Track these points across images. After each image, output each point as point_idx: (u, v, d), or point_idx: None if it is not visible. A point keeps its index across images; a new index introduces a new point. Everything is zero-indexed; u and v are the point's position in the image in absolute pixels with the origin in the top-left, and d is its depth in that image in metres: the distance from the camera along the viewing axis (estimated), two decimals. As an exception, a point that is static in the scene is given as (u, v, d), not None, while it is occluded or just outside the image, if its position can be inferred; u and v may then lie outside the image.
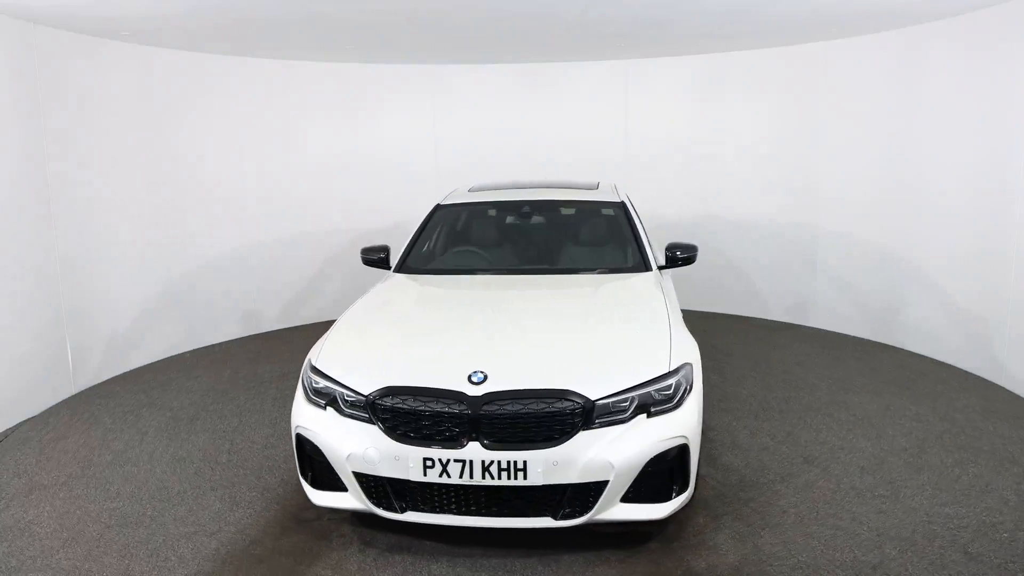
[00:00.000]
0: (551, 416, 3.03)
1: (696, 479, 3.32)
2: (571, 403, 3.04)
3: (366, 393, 3.18)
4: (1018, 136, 5.11)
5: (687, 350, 3.41)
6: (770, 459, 4.20)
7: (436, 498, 3.14)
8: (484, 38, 6.26)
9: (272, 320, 7.43)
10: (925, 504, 3.66)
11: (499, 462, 3.00)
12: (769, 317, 7.51)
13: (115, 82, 5.96)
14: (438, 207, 5.21)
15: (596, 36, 6.27)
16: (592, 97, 7.82)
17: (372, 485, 3.16)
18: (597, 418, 3.06)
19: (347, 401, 3.23)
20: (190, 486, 4.04)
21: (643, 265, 4.49)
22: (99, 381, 5.89)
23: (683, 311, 4.13)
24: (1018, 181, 5.13)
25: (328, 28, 5.67)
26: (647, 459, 3.04)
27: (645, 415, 3.10)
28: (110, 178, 5.94)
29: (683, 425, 3.13)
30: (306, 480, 3.39)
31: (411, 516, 3.16)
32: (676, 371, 3.24)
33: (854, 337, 6.76)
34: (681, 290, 4.99)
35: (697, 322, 7.19)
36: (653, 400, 3.14)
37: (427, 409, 3.08)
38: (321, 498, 3.33)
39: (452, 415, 3.06)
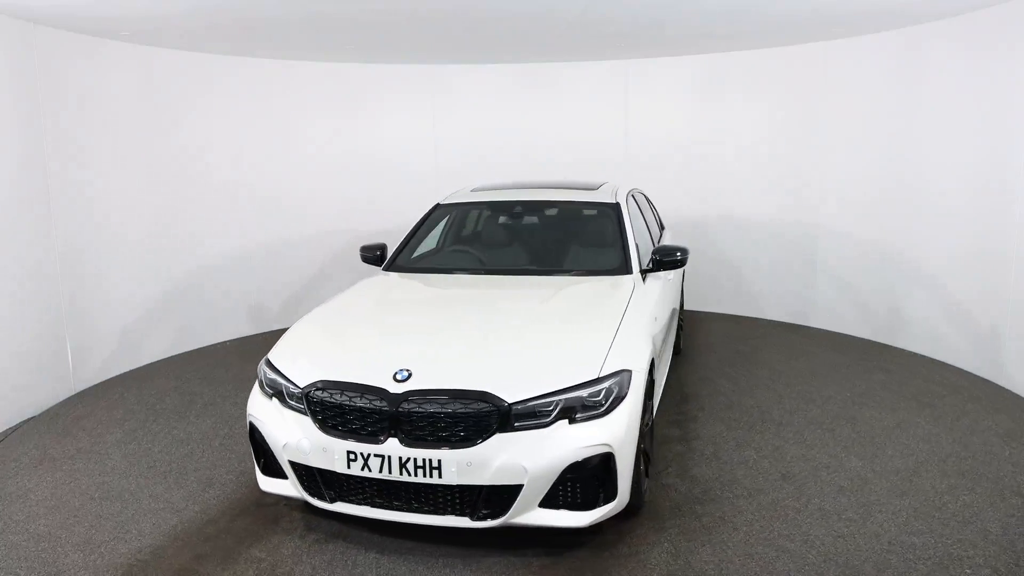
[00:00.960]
0: (467, 417, 3.04)
1: (647, 489, 3.52)
2: (487, 405, 3.04)
3: (302, 386, 3.29)
4: (1018, 136, 5.11)
5: (629, 357, 3.33)
6: (745, 474, 4.02)
7: (362, 491, 3.22)
8: (484, 38, 6.26)
9: (272, 319, 7.43)
10: (893, 531, 3.41)
11: (415, 459, 3.04)
12: (769, 317, 7.51)
13: (115, 82, 5.96)
14: (437, 206, 5.29)
15: (596, 36, 6.27)
16: (592, 97, 7.82)
17: (305, 474, 3.28)
18: (517, 421, 3.04)
19: (289, 393, 3.35)
20: (176, 467, 4.26)
21: (624, 268, 4.38)
22: (99, 381, 5.89)
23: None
24: (1018, 181, 5.13)
25: (328, 28, 5.67)
26: (565, 466, 3.00)
27: (567, 421, 3.06)
28: (110, 178, 5.94)
29: (608, 433, 3.06)
30: (258, 466, 3.53)
31: (339, 507, 3.26)
32: (607, 378, 3.17)
33: (857, 338, 6.75)
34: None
35: (707, 323, 7.22)
36: (581, 406, 3.09)
37: (352, 404, 3.16)
38: (267, 484, 3.49)
39: (373, 411, 3.12)
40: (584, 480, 3.06)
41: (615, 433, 3.07)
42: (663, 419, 4.80)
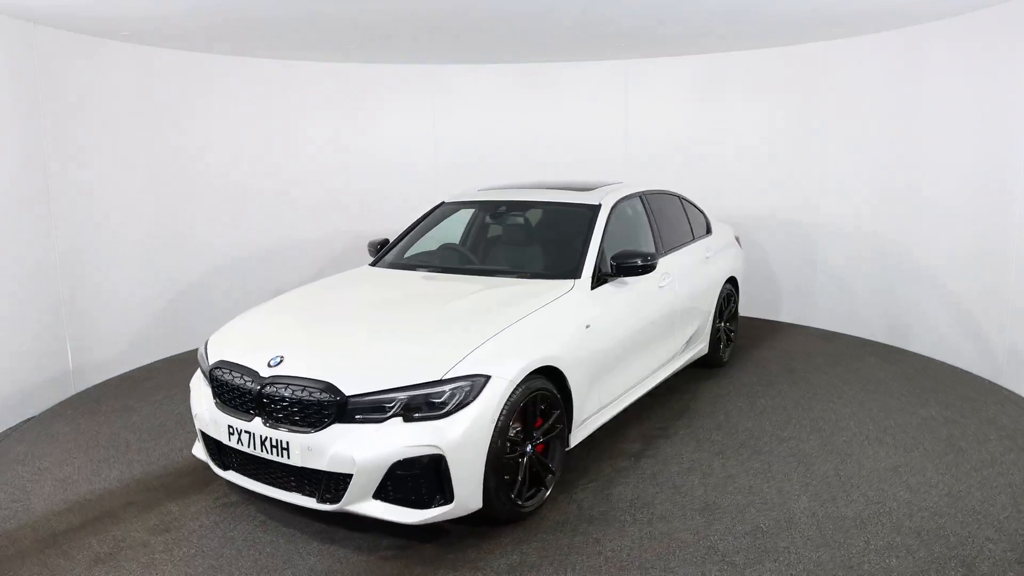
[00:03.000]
0: (312, 404, 3.24)
1: (536, 499, 3.55)
2: (329, 395, 3.21)
3: (210, 364, 3.69)
4: (1018, 136, 5.11)
5: (493, 363, 3.32)
6: (666, 499, 3.78)
7: (243, 463, 3.53)
8: (484, 38, 6.26)
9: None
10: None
11: (271, 439, 3.30)
12: (768, 318, 7.51)
13: (115, 82, 5.96)
14: (441, 204, 5.37)
15: (596, 36, 6.27)
16: (592, 97, 7.82)
17: (210, 443, 3.66)
18: (357, 413, 3.19)
19: (203, 369, 3.80)
20: (150, 436, 4.78)
21: (575, 272, 4.23)
22: (99, 381, 5.90)
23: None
24: (1018, 181, 5.13)
25: (328, 28, 5.67)
26: (392, 462, 3.11)
27: (402, 419, 3.15)
28: (110, 178, 5.94)
29: (440, 436, 3.11)
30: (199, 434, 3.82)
31: (230, 475, 3.60)
32: (453, 380, 3.21)
33: (863, 339, 6.73)
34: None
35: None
36: (426, 405, 3.17)
37: (233, 382, 3.51)
38: (195, 449, 3.90)
39: (246, 391, 3.44)
40: (415, 479, 3.15)
41: (448, 437, 3.12)
42: (636, 431, 4.64)
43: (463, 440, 3.14)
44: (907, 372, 5.77)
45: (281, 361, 3.42)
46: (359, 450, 3.11)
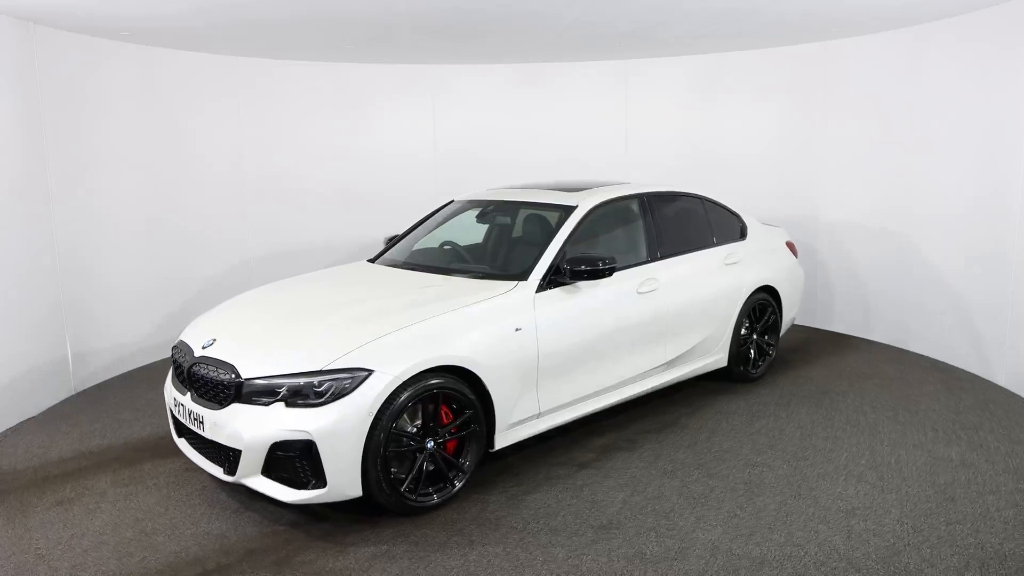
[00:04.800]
0: (218, 384, 3.57)
1: (456, 495, 3.72)
2: (229, 377, 3.53)
3: (174, 345, 4.08)
4: (1018, 136, 5.10)
5: (381, 359, 3.45)
6: (574, 512, 3.67)
7: (186, 432, 3.85)
8: (484, 38, 6.26)
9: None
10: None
11: (193, 412, 3.68)
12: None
13: (115, 82, 5.96)
14: (451, 202, 5.47)
15: (596, 36, 6.27)
16: (592, 97, 7.82)
17: (170, 412, 4.02)
18: (253, 395, 3.45)
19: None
20: (142, 414, 5.15)
21: (523, 275, 4.20)
22: (99, 381, 5.90)
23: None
24: (1018, 181, 5.12)
25: (328, 28, 5.67)
26: (270, 443, 3.36)
27: (284, 404, 3.39)
28: (110, 178, 5.94)
29: (313, 423, 3.31)
30: None
31: (181, 442, 3.94)
32: (334, 372, 3.39)
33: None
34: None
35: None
36: (312, 393, 3.37)
37: (177, 360, 3.94)
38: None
39: (181, 368, 3.84)
40: (292, 461, 3.38)
41: (319, 424, 3.31)
42: (602, 441, 4.51)
43: (334, 429, 3.32)
44: (966, 404, 5.07)
45: (212, 343, 3.78)
46: (247, 429, 3.40)
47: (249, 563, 3.28)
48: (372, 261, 5.11)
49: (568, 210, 4.59)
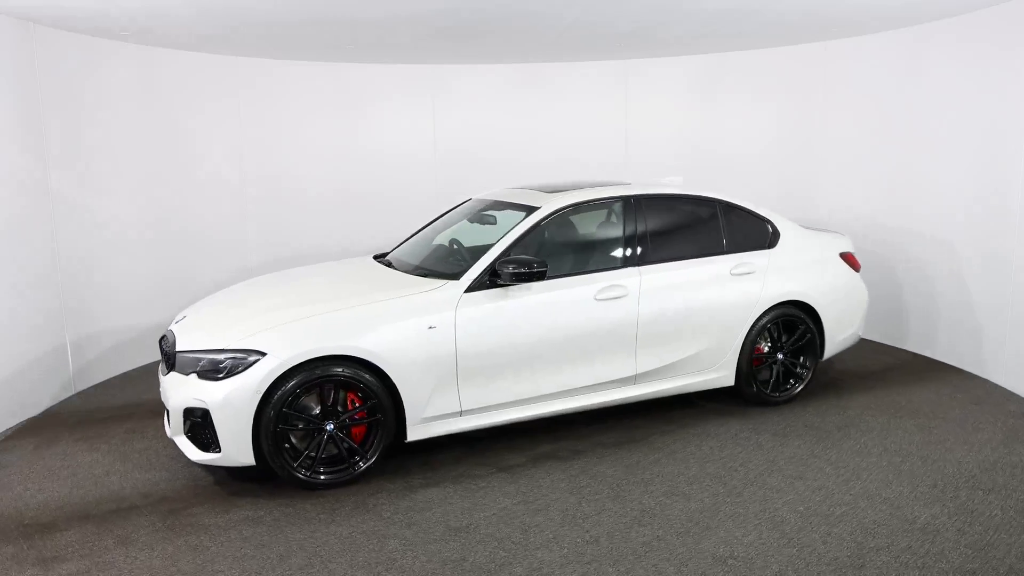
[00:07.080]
0: (167, 354, 4.10)
1: (357, 478, 3.95)
2: (170, 348, 4.06)
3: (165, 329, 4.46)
4: (1019, 136, 5.11)
5: (274, 344, 3.76)
6: (440, 515, 3.65)
7: None
8: (484, 38, 6.26)
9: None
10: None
11: (159, 378, 4.19)
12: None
13: (115, 82, 5.96)
14: (468, 200, 5.55)
15: (596, 36, 6.27)
16: (592, 97, 7.82)
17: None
18: (184, 366, 3.90)
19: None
20: (138, 398, 5.50)
21: (457, 275, 4.23)
22: (99, 381, 5.90)
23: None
24: (1018, 180, 5.12)
25: (328, 28, 5.67)
26: (182, 408, 3.83)
27: (197, 375, 3.81)
28: (110, 178, 5.94)
29: (211, 395, 3.73)
30: None
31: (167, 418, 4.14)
32: (232, 351, 3.78)
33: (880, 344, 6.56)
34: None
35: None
36: (219, 367, 3.77)
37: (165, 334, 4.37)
38: None
39: (161, 339, 4.30)
40: (198, 426, 3.81)
41: (213, 396, 3.72)
42: (539, 450, 4.35)
43: (224, 402, 3.71)
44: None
45: (182, 319, 4.30)
46: (172, 394, 3.89)
47: (149, 508, 3.80)
48: (377, 258, 5.19)
49: (530, 211, 4.53)
